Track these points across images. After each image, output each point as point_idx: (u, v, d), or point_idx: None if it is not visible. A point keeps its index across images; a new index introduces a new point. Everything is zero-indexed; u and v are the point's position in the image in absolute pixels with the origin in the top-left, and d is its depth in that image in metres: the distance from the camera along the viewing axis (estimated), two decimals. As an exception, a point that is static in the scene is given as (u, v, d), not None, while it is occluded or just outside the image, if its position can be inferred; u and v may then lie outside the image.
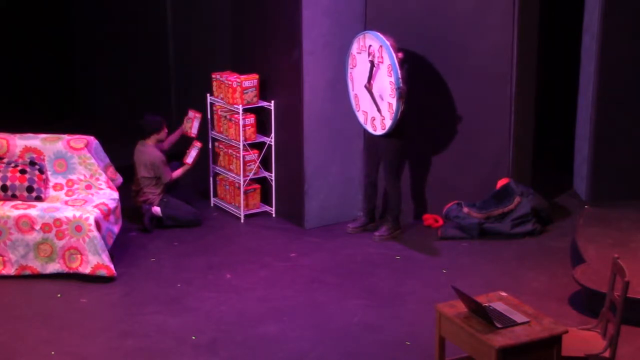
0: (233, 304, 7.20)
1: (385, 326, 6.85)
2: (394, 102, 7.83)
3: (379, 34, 7.91)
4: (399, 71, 7.75)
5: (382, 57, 7.90)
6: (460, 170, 8.79)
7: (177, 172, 8.80)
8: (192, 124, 8.96)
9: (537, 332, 5.25)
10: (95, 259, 7.50)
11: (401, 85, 7.76)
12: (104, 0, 11.53)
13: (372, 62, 8.00)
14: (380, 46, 7.88)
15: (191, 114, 9.02)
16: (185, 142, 9.09)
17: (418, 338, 6.61)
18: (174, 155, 9.04)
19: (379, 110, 8.06)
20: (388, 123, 7.97)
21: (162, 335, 6.70)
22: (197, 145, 8.88)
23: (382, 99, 7.99)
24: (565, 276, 7.59)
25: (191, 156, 8.86)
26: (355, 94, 8.34)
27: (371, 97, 8.11)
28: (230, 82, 8.81)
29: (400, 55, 7.88)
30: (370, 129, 8.25)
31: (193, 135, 8.96)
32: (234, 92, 8.77)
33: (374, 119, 8.15)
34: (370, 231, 8.56)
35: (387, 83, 7.89)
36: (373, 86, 8.07)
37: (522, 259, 8.09)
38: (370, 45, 8.00)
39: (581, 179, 9.32)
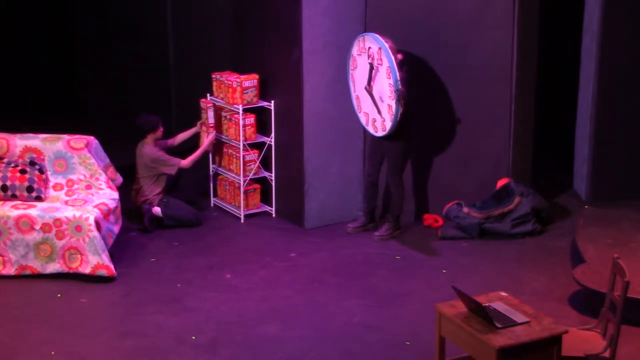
0: (233, 304, 7.20)
1: (385, 326, 6.85)
2: (393, 104, 7.82)
3: (377, 36, 7.90)
4: (397, 74, 7.74)
5: (381, 60, 7.89)
6: (460, 170, 8.79)
7: (192, 157, 8.78)
8: (207, 114, 8.95)
9: (537, 332, 5.25)
10: (95, 259, 7.50)
11: (400, 87, 7.75)
12: (104, 0, 11.53)
13: (371, 65, 7.99)
14: (379, 48, 7.87)
15: (203, 104, 9.00)
16: (194, 142, 9.13)
17: (418, 338, 6.61)
18: (182, 154, 9.00)
19: (379, 112, 8.06)
20: (388, 125, 7.96)
21: (162, 335, 6.70)
22: (211, 131, 8.90)
23: (382, 101, 7.98)
24: (565, 276, 7.59)
25: (208, 141, 8.90)
26: (357, 96, 8.34)
27: (372, 99, 8.11)
28: (230, 82, 8.81)
29: (399, 56, 7.88)
30: (371, 131, 8.25)
31: (211, 125, 8.96)
32: (234, 92, 8.78)
33: (375, 121, 8.15)
34: (370, 231, 8.56)
35: (386, 85, 7.88)
36: (373, 88, 8.07)
37: (522, 259, 8.09)
38: (369, 48, 8.00)
39: (581, 179, 9.32)
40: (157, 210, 8.64)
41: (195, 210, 8.87)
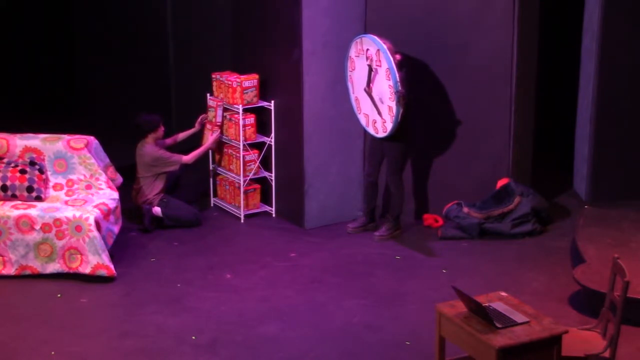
0: (233, 304, 7.20)
1: (385, 326, 6.85)
2: (393, 105, 7.81)
3: (375, 37, 7.88)
4: (397, 75, 7.73)
5: (380, 61, 7.88)
6: (460, 170, 8.79)
7: (194, 154, 8.78)
8: (215, 113, 8.94)
9: (537, 332, 5.25)
10: (95, 259, 7.50)
11: (400, 89, 7.74)
12: (104, 0, 11.54)
13: (370, 67, 7.98)
14: (378, 50, 7.86)
15: (212, 102, 8.98)
16: (195, 141, 9.11)
17: (418, 338, 6.61)
18: (183, 152, 9.01)
19: (379, 113, 8.05)
20: (389, 126, 7.95)
21: (162, 335, 6.70)
22: (217, 129, 8.89)
23: (382, 102, 7.97)
24: (565, 276, 7.59)
25: (213, 139, 8.89)
26: (356, 97, 8.33)
27: (371, 101, 8.11)
28: (230, 82, 8.81)
29: (398, 57, 7.87)
30: (372, 132, 8.25)
31: (218, 124, 8.95)
32: (234, 92, 8.78)
33: (375, 122, 8.15)
34: (370, 231, 8.56)
35: (386, 87, 7.87)
36: (372, 90, 8.06)
37: (522, 259, 8.09)
38: (367, 49, 7.99)
39: (581, 179, 9.33)
40: (157, 210, 8.64)
41: (195, 210, 8.87)
